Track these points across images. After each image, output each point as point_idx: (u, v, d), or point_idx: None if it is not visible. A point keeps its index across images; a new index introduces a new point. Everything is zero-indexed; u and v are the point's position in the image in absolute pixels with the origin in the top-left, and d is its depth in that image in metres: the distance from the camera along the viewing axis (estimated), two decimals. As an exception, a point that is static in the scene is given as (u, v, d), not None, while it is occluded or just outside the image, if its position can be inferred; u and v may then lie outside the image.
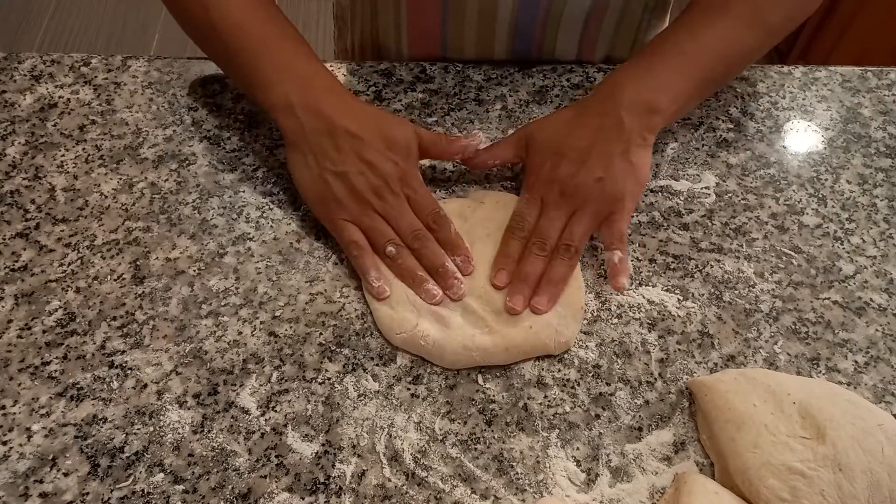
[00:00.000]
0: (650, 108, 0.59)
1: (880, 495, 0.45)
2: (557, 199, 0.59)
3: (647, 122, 0.59)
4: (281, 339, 0.55)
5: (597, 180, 0.58)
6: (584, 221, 0.58)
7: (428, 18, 0.74)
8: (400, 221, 0.58)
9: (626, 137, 0.58)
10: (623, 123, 0.59)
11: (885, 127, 0.72)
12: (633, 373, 0.55)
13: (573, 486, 0.49)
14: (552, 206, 0.59)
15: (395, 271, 0.58)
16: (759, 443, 0.48)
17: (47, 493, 0.47)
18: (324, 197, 0.58)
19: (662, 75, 0.61)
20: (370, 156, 0.58)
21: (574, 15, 0.72)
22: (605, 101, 0.60)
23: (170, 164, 0.65)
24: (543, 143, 0.61)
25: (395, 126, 0.60)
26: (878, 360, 0.56)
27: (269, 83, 0.59)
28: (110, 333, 0.55)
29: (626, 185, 0.58)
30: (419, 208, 0.59)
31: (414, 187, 0.59)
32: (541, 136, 0.61)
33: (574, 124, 0.60)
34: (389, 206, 0.58)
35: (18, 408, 0.51)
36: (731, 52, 0.63)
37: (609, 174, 0.58)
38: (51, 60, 0.72)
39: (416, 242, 0.58)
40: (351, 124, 0.58)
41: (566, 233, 0.58)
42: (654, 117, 0.59)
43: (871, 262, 0.62)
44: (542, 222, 0.59)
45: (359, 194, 0.57)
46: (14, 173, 0.64)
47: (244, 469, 0.49)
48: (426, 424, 0.51)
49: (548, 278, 0.57)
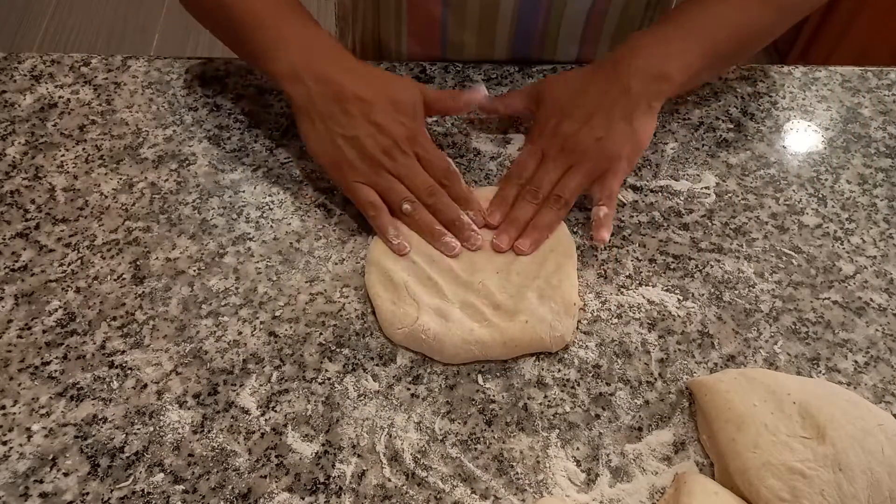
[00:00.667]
0: (660, 75, 0.61)
1: (880, 495, 0.45)
2: (557, 153, 0.61)
3: (655, 90, 0.61)
4: (281, 339, 0.55)
5: (596, 139, 0.60)
6: (577, 176, 0.60)
7: (428, 19, 0.74)
8: (413, 179, 0.60)
9: (632, 102, 0.60)
10: (631, 88, 0.60)
11: (885, 127, 0.72)
12: (633, 373, 0.55)
13: (573, 486, 0.49)
14: (550, 159, 0.61)
15: (412, 227, 0.60)
16: (759, 443, 0.48)
17: (47, 493, 0.47)
18: (337, 160, 0.60)
19: (675, 44, 0.62)
20: (378, 118, 0.59)
21: (575, 15, 0.72)
22: (617, 66, 0.62)
23: (170, 164, 0.65)
24: (553, 99, 0.63)
25: (401, 87, 0.62)
26: (878, 360, 0.56)
27: (274, 52, 0.60)
28: (110, 333, 0.55)
29: (623, 146, 0.60)
30: (430, 166, 0.61)
31: (423, 146, 0.61)
32: (551, 92, 0.64)
33: (584, 85, 0.63)
34: (401, 166, 0.60)
35: (18, 408, 0.51)
36: (745, 28, 0.64)
37: (609, 135, 0.60)
38: (51, 60, 0.72)
39: (430, 198, 0.60)
40: (358, 88, 0.60)
41: (559, 185, 0.61)
42: (662, 85, 0.61)
43: (871, 262, 0.62)
44: (538, 173, 0.62)
45: (370, 156, 0.59)
46: (14, 173, 0.64)
47: (244, 469, 0.49)
48: (426, 424, 0.51)
49: (534, 224, 0.60)
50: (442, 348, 0.54)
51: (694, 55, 0.62)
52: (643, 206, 0.64)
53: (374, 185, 0.60)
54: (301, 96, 0.60)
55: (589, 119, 0.61)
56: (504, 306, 0.55)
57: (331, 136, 0.59)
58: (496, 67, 0.74)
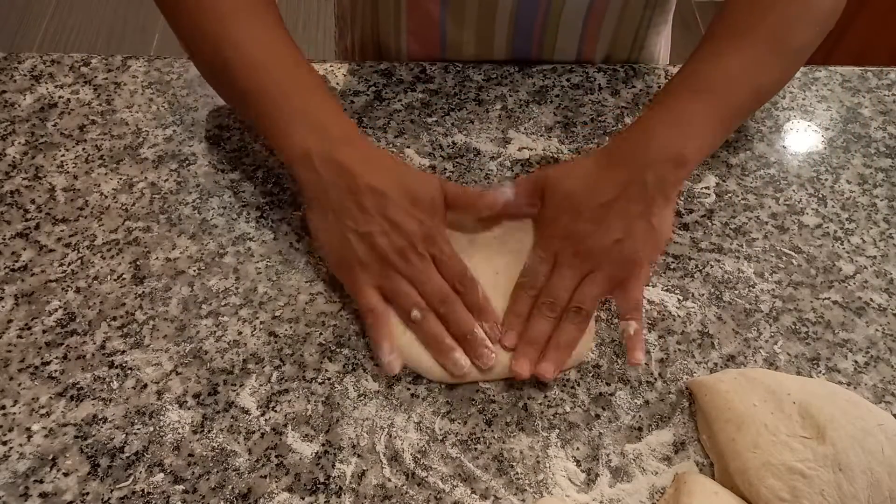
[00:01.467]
0: (678, 160, 0.55)
1: (880, 495, 0.45)
2: (571, 258, 0.55)
3: (672, 179, 0.56)
4: (281, 339, 0.55)
5: (615, 242, 0.55)
6: (597, 283, 0.55)
7: (427, 18, 0.74)
8: (427, 285, 0.54)
9: (649, 196, 0.55)
10: (646, 180, 0.55)
11: (885, 127, 0.72)
12: (633, 373, 0.55)
13: (573, 486, 0.49)
14: (565, 265, 0.56)
15: (419, 337, 0.54)
16: (759, 443, 0.48)
17: (47, 493, 0.47)
18: (346, 258, 0.55)
19: (691, 119, 0.57)
20: (394, 214, 0.54)
21: (574, 14, 0.72)
22: (631, 155, 0.56)
23: (170, 164, 0.65)
24: (561, 195, 0.57)
25: (420, 182, 0.57)
26: (878, 360, 0.56)
27: (287, 134, 0.56)
28: (110, 333, 0.55)
29: (644, 249, 0.55)
30: (445, 269, 0.55)
31: (441, 247, 0.56)
32: (558, 187, 0.57)
33: (595, 178, 0.57)
34: (415, 269, 0.54)
35: (18, 408, 0.51)
36: (761, 83, 0.60)
37: (629, 236, 0.55)
38: (51, 60, 0.72)
39: (442, 307, 0.54)
40: (374, 180, 0.54)
41: (578, 294, 0.55)
42: (680, 171, 0.56)
43: (871, 262, 0.62)
44: (553, 281, 0.56)
45: (383, 256, 0.54)
46: (14, 173, 0.64)
47: (244, 469, 0.49)
48: (426, 424, 0.52)
49: (555, 342, 0.54)
50: (429, 370, 0.53)
51: (710, 130, 0.57)
52: (643, 206, 0.64)
53: (383, 288, 0.55)
54: (312, 184, 0.55)
55: (604, 218, 0.55)
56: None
57: (341, 231, 0.54)
58: (496, 67, 0.74)
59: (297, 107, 0.57)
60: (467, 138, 0.68)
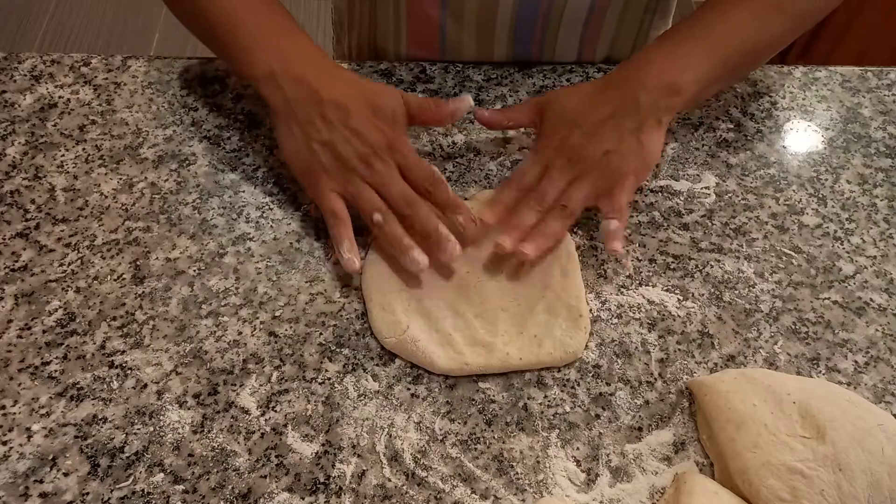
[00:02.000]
0: (672, 88, 0.59)
1: (880, 495, 0.45)
2: (563, 164, 0.59)
3: (665, 104, 0.59)
4: (281, 339, 0.55)
5: (604, 153, 0.58)
6: (584, 187, 0.58)
7: (427, 21, 0.74)
8: (390, 188, 0.57)
9: (641, 117, 0.59)
10: (640, 102, 0.59)
11: (885, 127, 0.72)
12: (633, 373, 0.55)
13: (573, 486, 0.49)
14: (556, 169, 0.59)
15: (382, 240, 0.57)
16: (758, 443, 0.48)
17: (47, 493, 0.47)
18: (310, 167, 0.58)
19: (687, 54, 0.61)
20: (357, 124, 0.57)
21: (574, 15, 0.72)
22: (628, 79, 0.60)
23: (170, 164, 0.65)
24: (559, 113, 0.61)
25: (382, 94, 0.60)
26: (878, 360, 0.56)
27: (250, 53, 0.59)
28: (110, 333, 0.55)
29: (631, 162, 0.58)
30: (411, 174, 0.58)
31: (404, 154, 0.59)
32: (558, 105, 0.62)
33: (593, 98, 0.61)
34: (378, 174, 0.57)
35: (18, 408, 0.51)
36: (760, 36, 0.62)
37: (618, 149, 0.58)
38: (51, 60, 0.72)
39: (406, 209, 0.57)
40: (336, 93, 0.58)
41: (565, 195, 0.59)
42: (673, 98, 0.59)
43: (871, 262, 0.62)
44: (542, 183, 0.59)
45: (346, 163, 0.57)
46: (14, 173, 0.64)
47: (244, 469, 0.49)
48: (426, 424, 0.51)
49: (539, 230, 0.57)
50: (433, 362, 0.53)
51: (706, 66, 0.60)
52: (643, 206, 0.64)
53: (346, 193, 0.58)
54: (277, 100, 0.58)
55: (597, 132, 0.59)
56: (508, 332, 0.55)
57: (306, 141, 0.58)
58: (496, 68, 0.74)
59: (263, 34, 0.60)
60: (467, 138, 0.68)
